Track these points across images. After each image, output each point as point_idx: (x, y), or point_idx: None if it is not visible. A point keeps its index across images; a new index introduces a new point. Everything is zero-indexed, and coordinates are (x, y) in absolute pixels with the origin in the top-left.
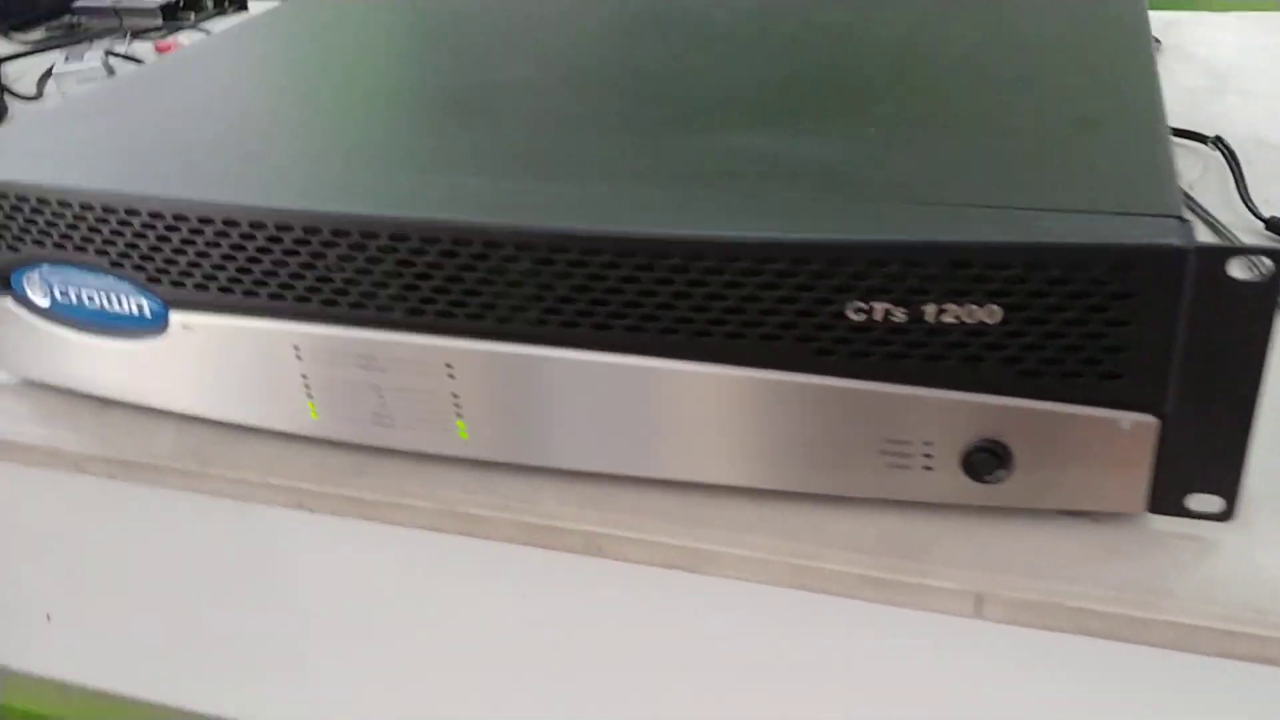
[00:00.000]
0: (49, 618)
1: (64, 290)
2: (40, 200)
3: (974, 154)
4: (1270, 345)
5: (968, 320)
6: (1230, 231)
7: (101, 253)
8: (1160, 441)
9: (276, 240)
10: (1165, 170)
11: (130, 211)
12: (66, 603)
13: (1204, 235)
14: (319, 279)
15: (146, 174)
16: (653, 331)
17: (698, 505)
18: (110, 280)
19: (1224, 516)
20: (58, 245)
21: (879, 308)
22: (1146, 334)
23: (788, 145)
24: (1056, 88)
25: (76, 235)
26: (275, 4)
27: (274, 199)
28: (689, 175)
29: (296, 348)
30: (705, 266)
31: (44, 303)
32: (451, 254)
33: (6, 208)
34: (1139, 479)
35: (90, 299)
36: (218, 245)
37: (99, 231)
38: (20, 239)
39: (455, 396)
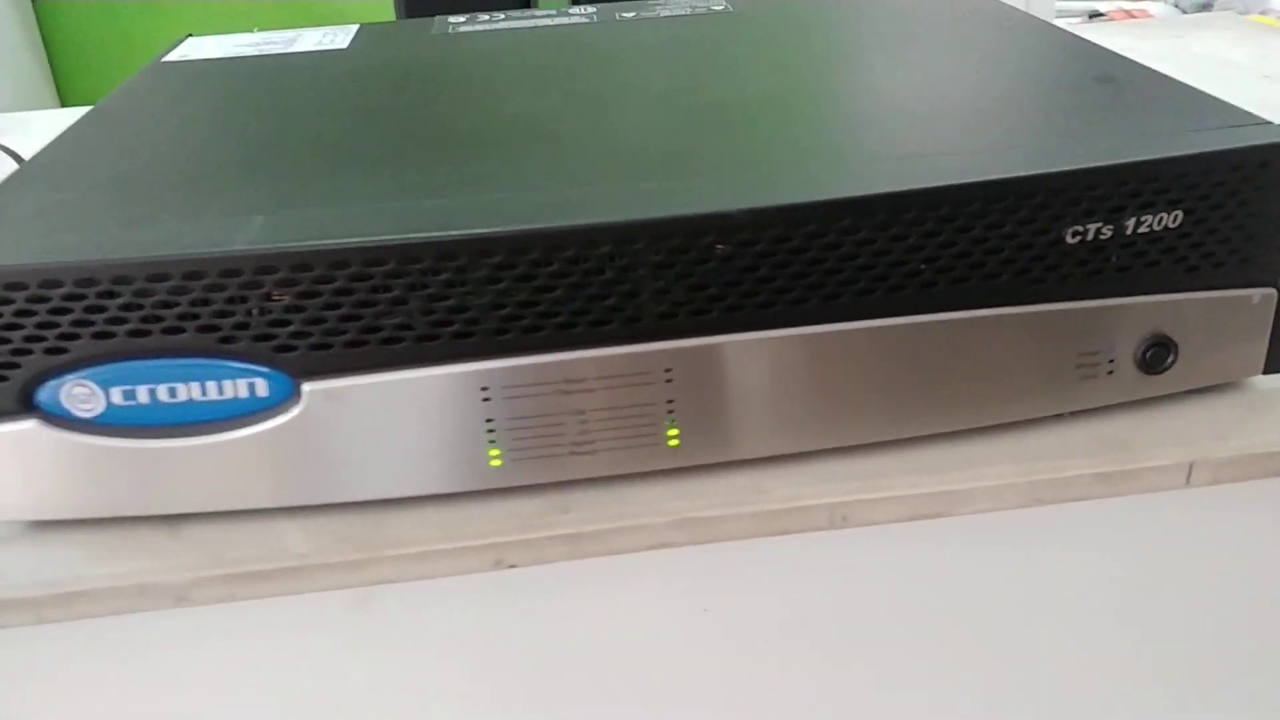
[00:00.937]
0: None
1: (128, 391)
2: (118, 279)
3: (1068, 109)
4: None
5: (1156, 228)
6: None
7: (208, 329)
8: (1277, 310)
9: (465, 270)
10: (1213, 98)
11: (264, 269)
12: None
13: None
14: (522, 304)
15: (248, 225)
16: (880, 291)
17: (918, 457)
18: (209, 364)
19: None
20: (136, 333)
21: (1091, 227)
22: (1272, 218)
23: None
24: (1053, 63)
25: (170, 314)
26: None
27: (454, 226)
28: (860, 155)
29: (485, 388)
30: (941, 215)
31: (91, 413)
32: (684, 249)
33: (55, 299)
34: (1260, 346)
35: (172, 393)
36: (386, 290)
37: (207, 304)
38: (72, 336)
39: (670, 402)
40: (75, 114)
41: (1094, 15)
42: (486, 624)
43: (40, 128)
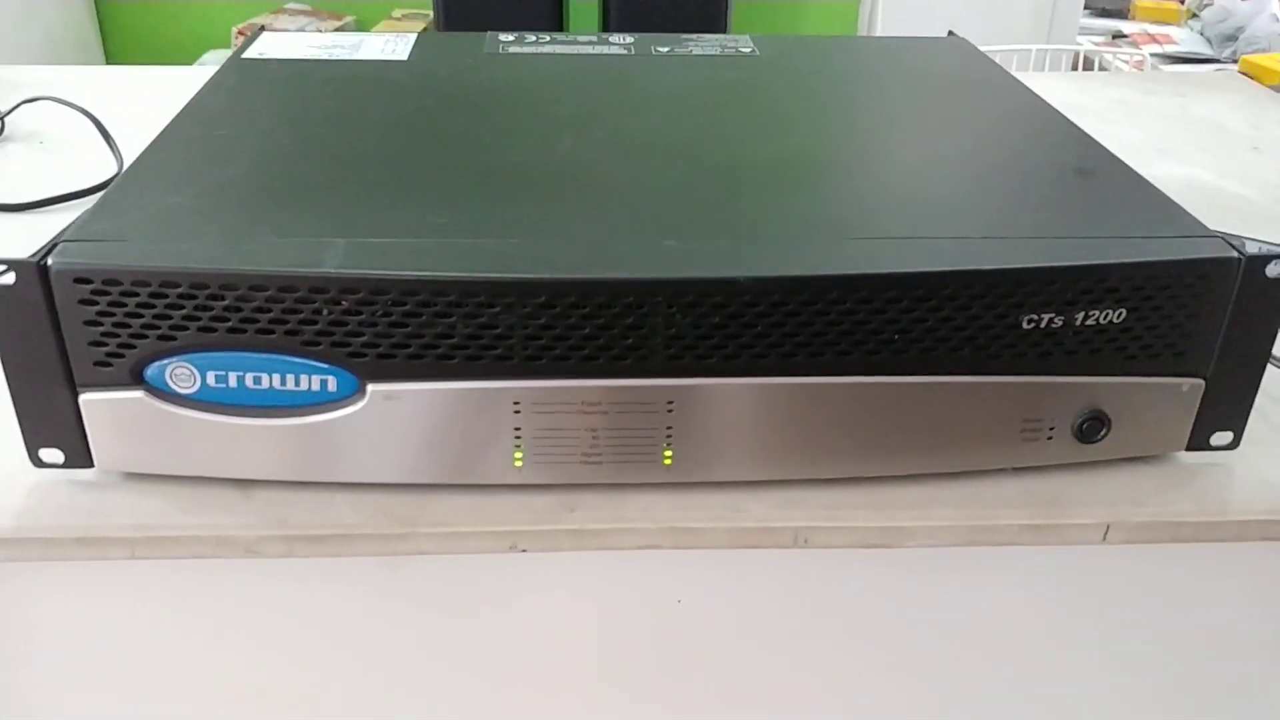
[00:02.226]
0: None
1: (220, 375)
2: (225, 286)
3: (1041, 201)
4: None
5: (1102, 322)
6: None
7: (294, 333)
8: (1203, 397)
9: (512, 306)
10: (1172, 202)
11: (347, 291)
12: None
13: None
14: (555, 337)
15: (333, 249)
16: (858, 354)
17: (875, 494)
18: (291, 361)
19: (1233, 446)
20: (235, 330)
21: (1045, 316)
22: (1206, 320)
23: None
24: (1040, 149)
25: (264, 319)
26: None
27: (507, 269)
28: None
29: (516, 403)
30: (916, 295)
31: (188, 390)
32: (694, 305)
33: (172, 296)
34: (1185, 426)
35: (257, 381)
36: (446, 316)
37: (296, 313)
38: (181, 328)
39: (669, 429)
40: (126, 71)
41: (1117, 36)
42: (497, 595)
43: (94, 82)
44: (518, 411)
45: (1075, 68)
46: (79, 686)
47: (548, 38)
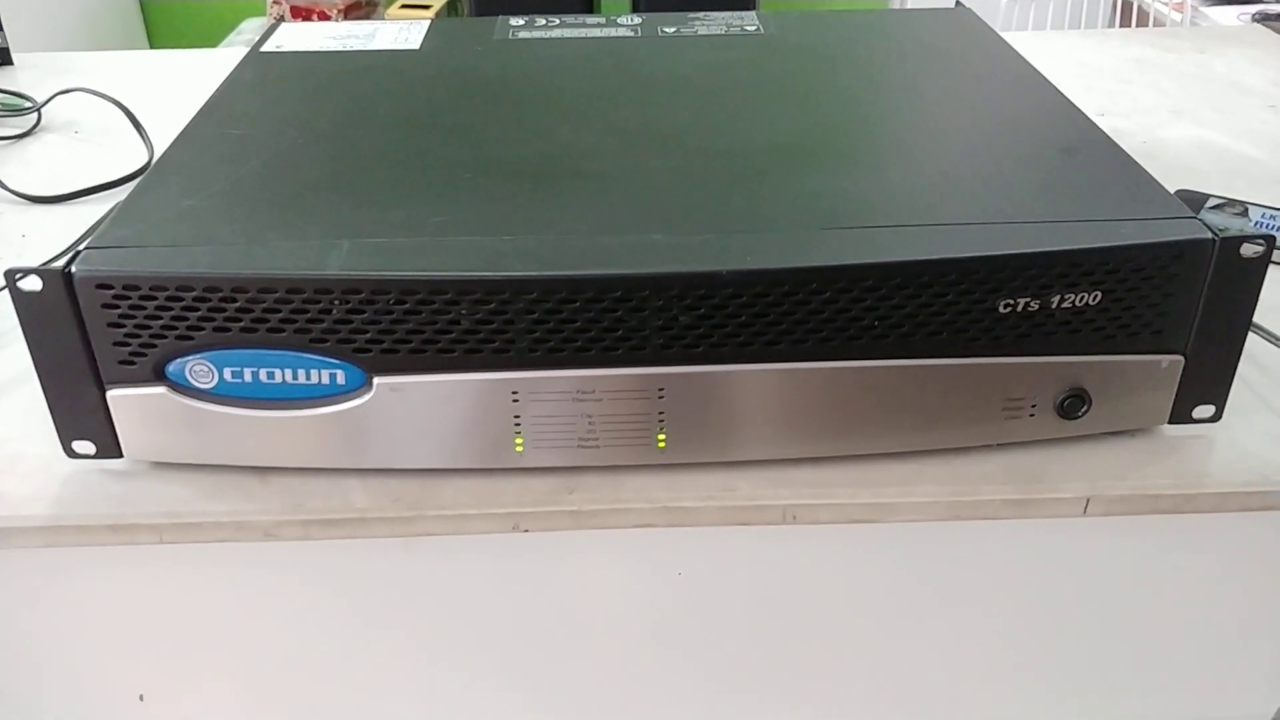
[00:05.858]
0: (141, 698)
1: (236, 371)
2: (236, 289)
3: (1022, 183)
4: (1256, 300)
5: (1079, 305)
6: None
7: (302, 331)
8: (1183, 373)
9: (508, 302)
10: (1153, 181)
11: (351, 291)
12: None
13: None
14: (549, 330)
15: (337, 251)
16: (839, 340)
17: (862, 471)
18: (301, 356)
19: (1215, 419)
20: (247, 330)
21: (1021, 301)
22: (1183, 300)
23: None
24: (1028, 128)
25: (274, 318)
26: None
27: (503, 267)
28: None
29: (515, 392)
30: (894, 283)
31: (207, 385)
32: (682, 298)
33: (188, 299)
34: (1166, 401)
35: (270, 376)
36: (445, 312)
37: (303, 313)
38: (197, 328)
39: (661, 414)
40: (159, 56)
41: None
42: (503, 573)
43: (133, 68)
44: (516, 400)
45: (1115, 8)
46: (114, 662)
47: (557, 21)
